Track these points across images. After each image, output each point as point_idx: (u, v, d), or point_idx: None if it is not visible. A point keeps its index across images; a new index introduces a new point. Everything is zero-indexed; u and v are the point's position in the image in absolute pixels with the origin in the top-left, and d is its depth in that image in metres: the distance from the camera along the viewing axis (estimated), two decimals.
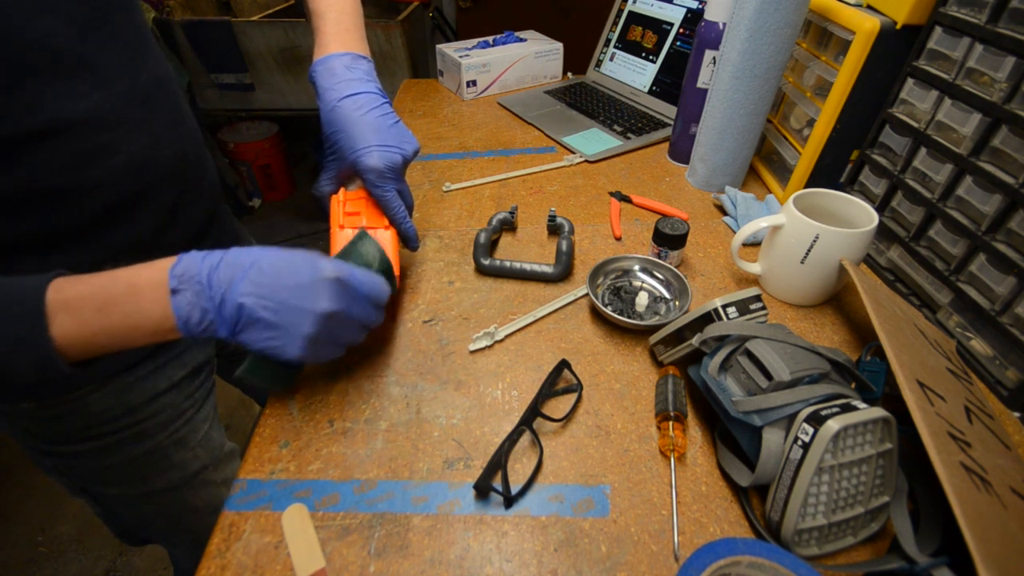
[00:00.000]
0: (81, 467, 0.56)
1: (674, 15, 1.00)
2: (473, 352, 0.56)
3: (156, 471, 0.58)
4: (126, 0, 0.45)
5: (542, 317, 0.60)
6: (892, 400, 0.47)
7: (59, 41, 0.39)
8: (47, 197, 0.42)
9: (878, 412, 0.38)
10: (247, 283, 0.38)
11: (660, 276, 0.63)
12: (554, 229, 0.72)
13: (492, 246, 0.69)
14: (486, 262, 0.65)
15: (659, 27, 1.02)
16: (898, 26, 0.62)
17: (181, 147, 0.50)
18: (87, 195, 0.43)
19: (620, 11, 1.11)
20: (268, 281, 0.39)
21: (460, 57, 1.08)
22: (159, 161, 0.48)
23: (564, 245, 0.65)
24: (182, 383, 0.58)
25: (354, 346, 0.46)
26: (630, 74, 1.08)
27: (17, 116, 0.38)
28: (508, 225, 0.73)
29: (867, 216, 0.56)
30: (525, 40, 1.18)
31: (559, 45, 1.17)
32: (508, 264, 0.65)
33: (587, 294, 0.60)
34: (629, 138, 0.94)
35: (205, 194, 0.56)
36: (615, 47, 1.11)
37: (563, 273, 0.64)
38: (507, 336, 0.57)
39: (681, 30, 0.99)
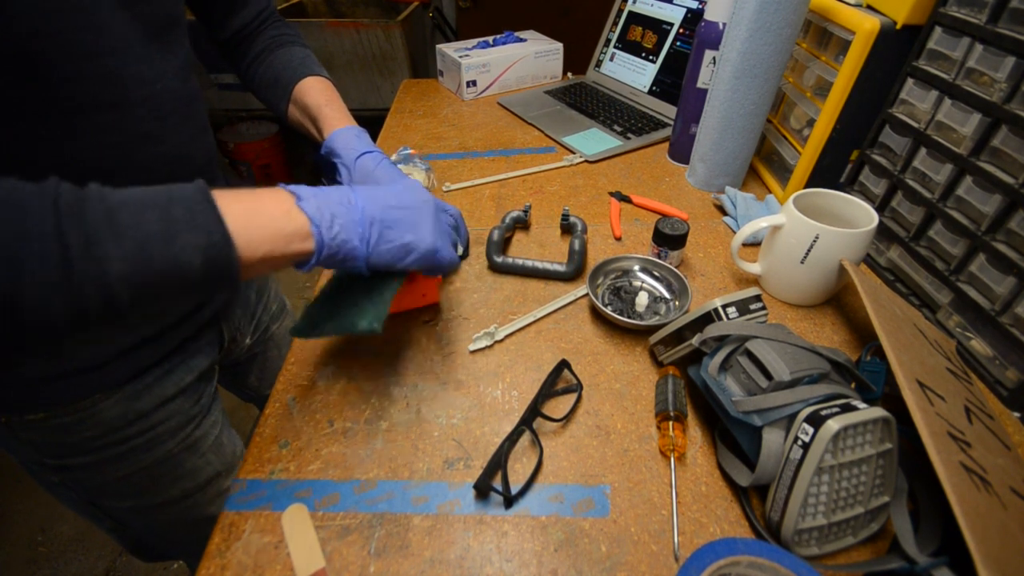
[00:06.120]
0: (91, 480, 0.56)
1: (674, 15, 1.00)
2: (473, 352, 0.56)
3: (169, 480, 0.59)
4: (182, 28, 0.52)
5: (542, 317, 0.60)
6: (892, 400, 0.47)
7: (136, 34, 0.45)
8: (94, 173, 0.45)
9: (878, 412, 0.38)
10: (361, 196, 0.42)
11: (660, 276, 0.63)
12: (567, 228, 0.72)
13: (504, 244, 0.70)
14: (499, 259, 0.65)
15: (659, 27, 1.02)
16: (898, 26, 0.62)
17: (207, 153, 0.56)
18: (130, 179, 0.46)
19: (620, 11, 1.11)
20: (375, 192, 0.44)
21: (460, 57, 1.08)
22: (193, 159, 0.53)
23: (577, 244, 0.65)
24: (189, 388, 0.58)
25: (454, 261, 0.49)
26: (630, 74, 1.08)
27: (93, 86, 0.42)
28: (521, 223, 0.74)
29: (867, 216, 0.56)
30: (525, 40, 1.18)
31: (559, 45, 1.17)
32: (520, 262, 0.65)
33: (587, 294, 0.60)
34: (629, 138, 0.94)
35: None
36: (615, 47, 1.11)
37: (576, 271, 0.64)
38: (507, 336, 0.57)
39: (681, 30, 0.99)
